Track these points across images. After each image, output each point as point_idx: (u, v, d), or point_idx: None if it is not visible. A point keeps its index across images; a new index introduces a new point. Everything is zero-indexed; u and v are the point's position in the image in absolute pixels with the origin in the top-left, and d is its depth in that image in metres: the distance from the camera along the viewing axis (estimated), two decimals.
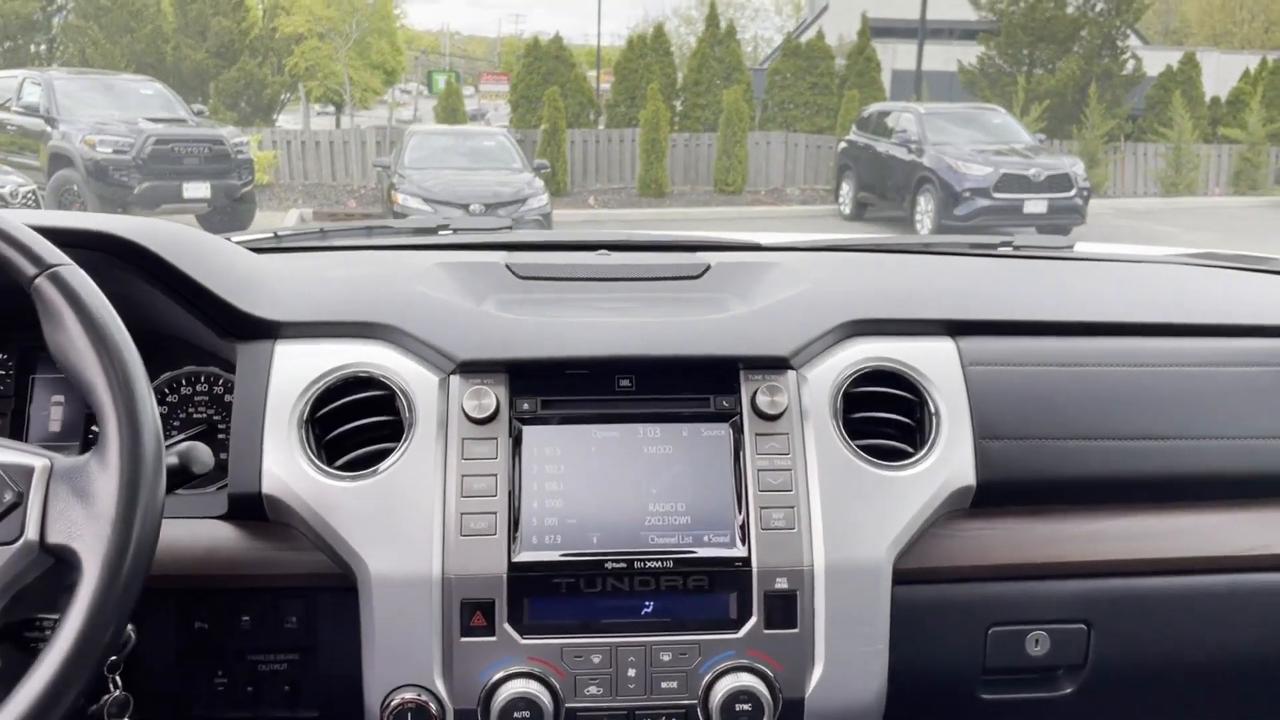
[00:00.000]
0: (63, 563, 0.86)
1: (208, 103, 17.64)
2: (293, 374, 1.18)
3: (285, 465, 1.13)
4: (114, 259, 1.17)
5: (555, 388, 1.16)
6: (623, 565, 1.10)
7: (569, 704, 1.08)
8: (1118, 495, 1.26)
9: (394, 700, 1.07)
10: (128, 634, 1.07)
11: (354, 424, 1.17)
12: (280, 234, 1.72)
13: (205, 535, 1.14)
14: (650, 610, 1.10)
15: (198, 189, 11.30)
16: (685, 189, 16.53)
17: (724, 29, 18.65)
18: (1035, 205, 11.97)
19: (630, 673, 1.09)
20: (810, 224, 13.99)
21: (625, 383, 1.18)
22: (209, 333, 1.24)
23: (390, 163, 11.99)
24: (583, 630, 1.09)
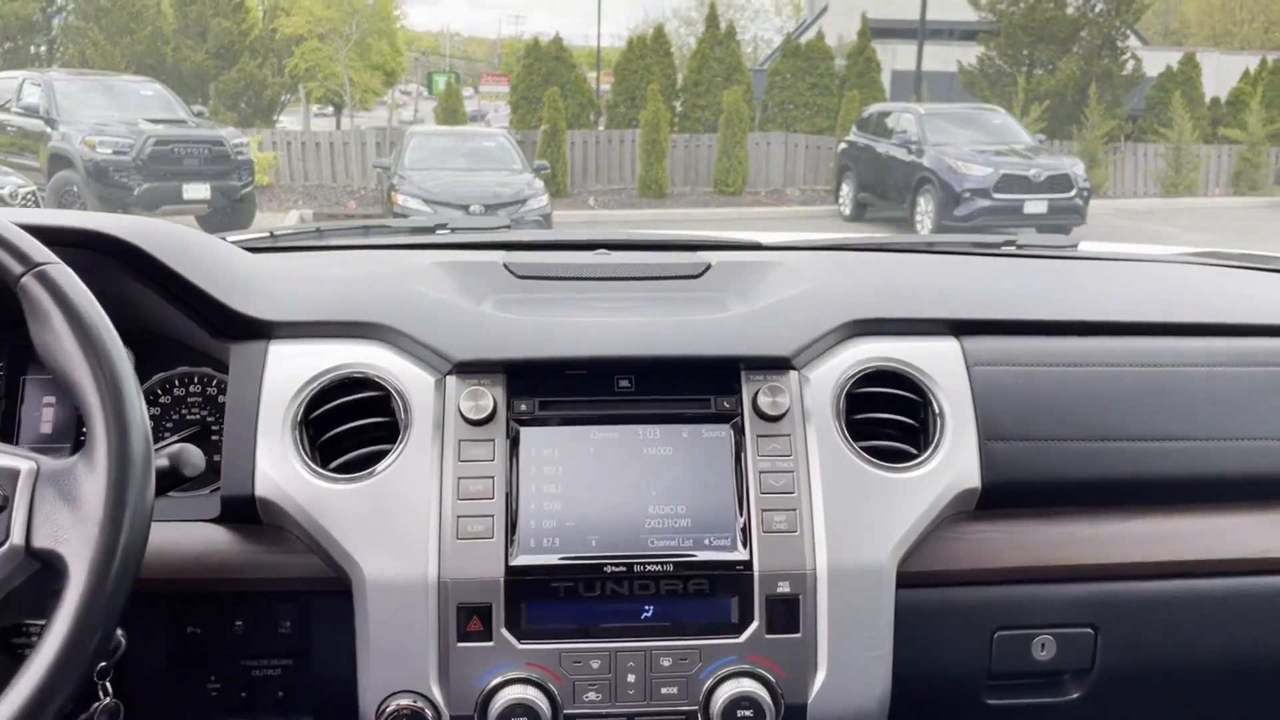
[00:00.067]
0: (49, 567, 0.84)
1: (208, 104, 17.66)
2: (287, 375, 1.17)
3: (279, 467, 1.12)
4: (105, 258, 1.15)
5: (553, 388, 1.15)
6: (622, 569, 1.08)
7: (567, 710, 1.06)
8: (1125, 497, 1.25)
9: (389, 706, 1.06)
10: (118, 639, 1.05)
11: (349, 425, 1.15)
12: (276, 233, 1.70)
13: (198, 538, 1.13)
14: (650, 615, 1.09)
15: (198, 190, 11.30)
16: (685, 190, 16.54)
17: (724, 30, 18.66)
18: (1035, 206, 11.97)
19: (630, 678, 1.07)
20: (810, 224, 14.00)
21: (624, 383, 1.16)
22: (202, 333, 1.22)
23: (390, 164, 11.99)
24: (581, 635, 1.08)
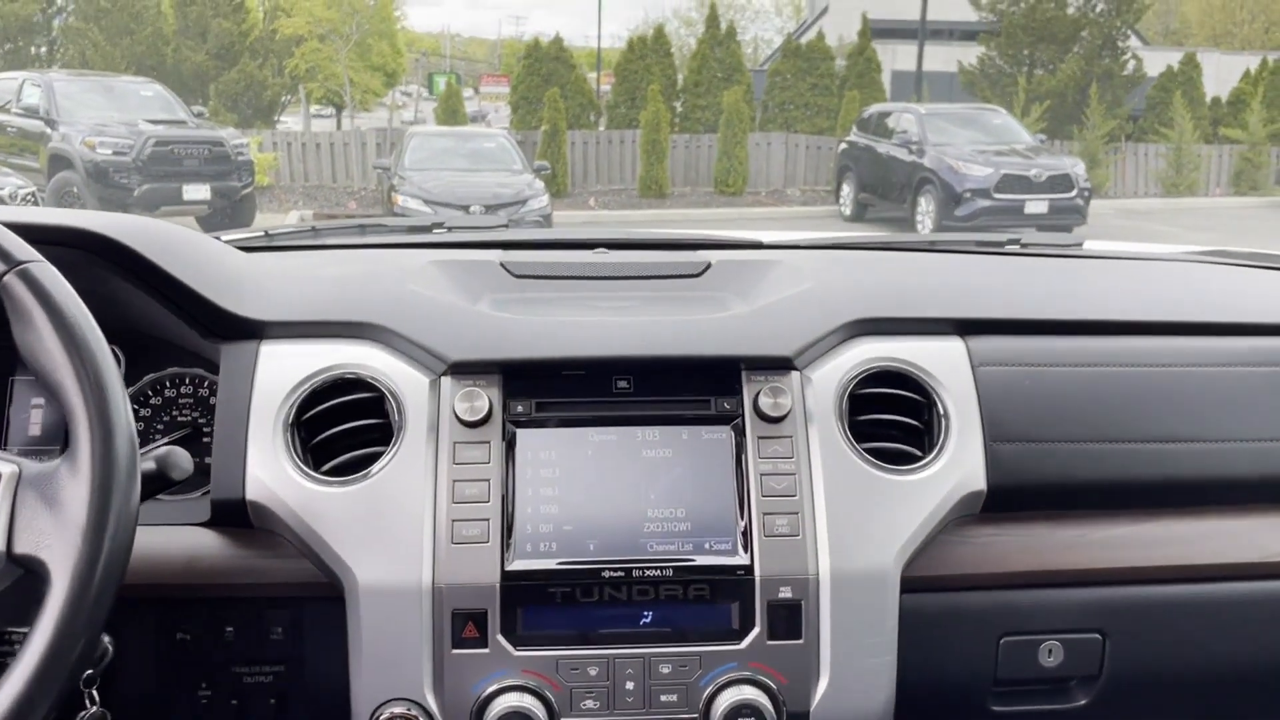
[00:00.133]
0: (31, 574, 0.83)
1: (208, 104, 17.66)
2: (278, 375, 1.15)
3: (270, 470, 1.10)
4: (92, 256, 1.14)
5: (550, 389, 1.13)
6: (620, 574, 1.06)
7: (565, 718, 1.05)
8: (1133, 500, 1.23)
9: (383, 714, 1.04)
10: (104, 646, 1.04)
11: (341, 427, 1.14)
12: (271, 232, 1.69)
13: (187, 543, 1.11)
14: (649, 620, 1.07)
15: (198, 191, 11.30)
16: (686, 190, 16.53)
17: (724, 30, 18.66)
18: (1036, 206, 11.97)
19: (628, 685, 1.06)
20: (811, 225, 13.99)
21: (623, 384, 1.15)
22: (192, 333, 1.21)
23: (390, 164, 11.98)
24: (579, 641, 1.06)
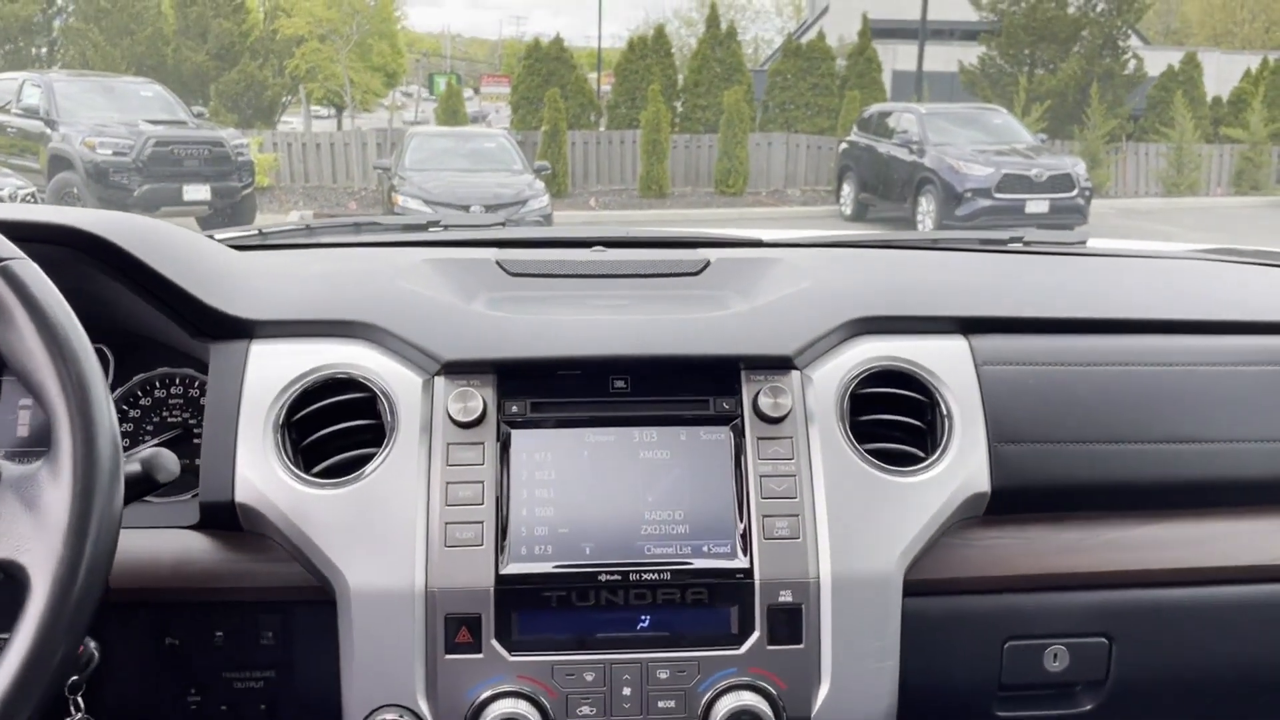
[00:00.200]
0: (10, 579, 0.81)
1: (208, 105, 17.66)
2: (268, 375, 1.13)
3: (260, 472, 1.08)
4: (78, 254, 1.12)
5: (546, 389, 1.11)
6: (617, 577, 1.05)
7: None
8: (1140, 501, 1.21)
9: None
10: (90, 652, 1.02)
11: (333, 428, 1.12)
12: (265, 230, 1.67)
13: (176, 546, 1.09)
14: (646, 625, 1.05)
15: (198, 191, 11.30)
16: (686, 190, 16.53)
17: (725, 30, 18.65)
18: (1037, 205, 11.96)
19: (625, 691, 1.04)
20: (811, 224, 13.98)
21: (620, 384, 1.13)
22: (181, 332, 1.19)
23: (391, 165, 11.98)
24: (575, 646, 1.04)
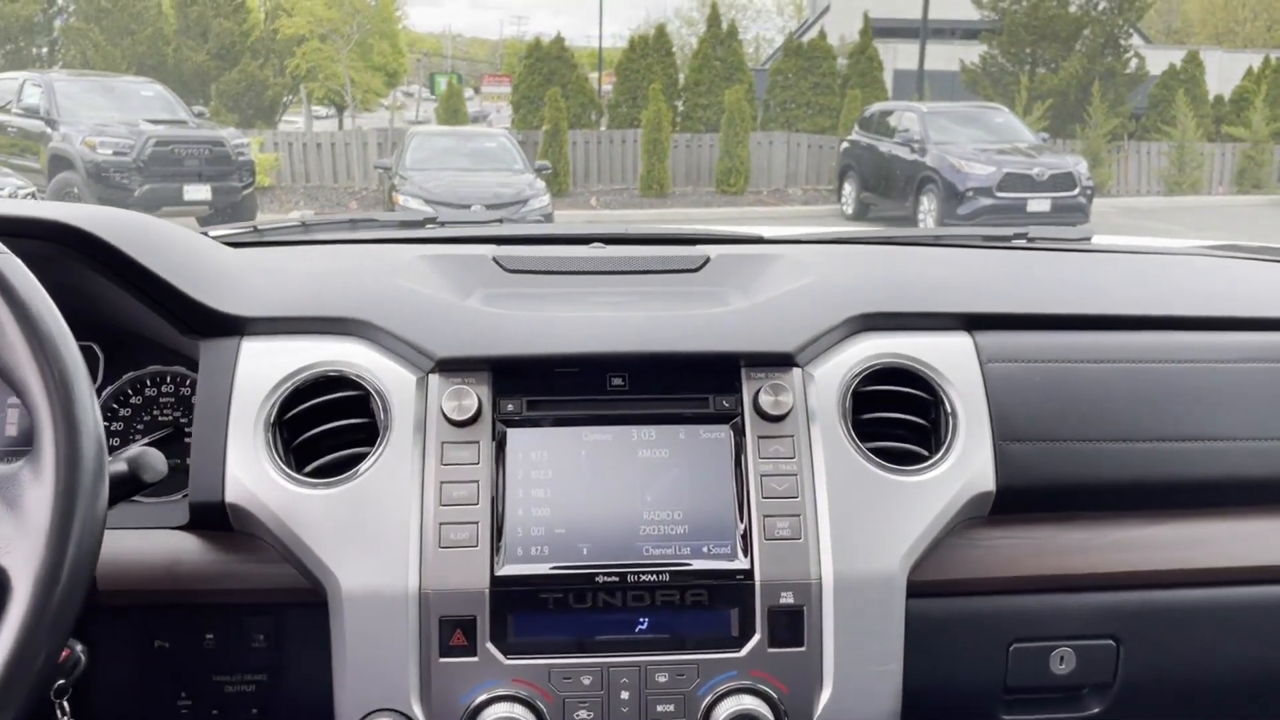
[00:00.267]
0: None
1: (209, 105, 17.65)
2: (259, 373, 1.11)
3: (250, 471, 1.06)
4: (65, 249, 1.10)
5: (542, 387, 1.10)
6: (615, 579, 1.03)
7: None
8: (1148, 501, 1.19)
9: None
10: (77, 655, 1.00)
11: (325, 427, 1.10)
12: (260, 227, 1.65)
13: (165, 547, 1.08)
14: (645, 627, 1.03)
15: (198, 191, 11.30)
16: (687, 189, 16.52)
17: (725, 29, 18.62)
18: (1039, 204, 11.95)
19: (623, 695, 1.02)
20: (813, 223, 13.97)
21: (618, 381, 1.11)
22: (171, 330, 1.17)
23: (392, 164, 11.97)
24: (572, 649, 1.02)
